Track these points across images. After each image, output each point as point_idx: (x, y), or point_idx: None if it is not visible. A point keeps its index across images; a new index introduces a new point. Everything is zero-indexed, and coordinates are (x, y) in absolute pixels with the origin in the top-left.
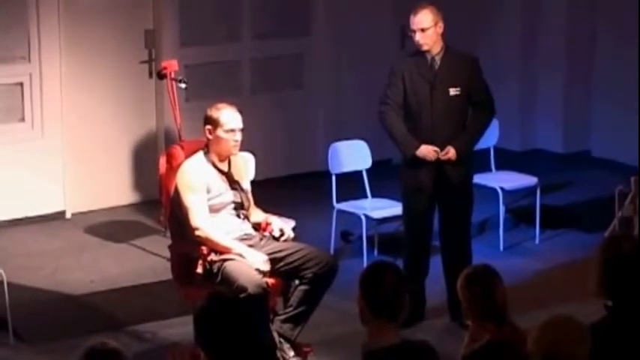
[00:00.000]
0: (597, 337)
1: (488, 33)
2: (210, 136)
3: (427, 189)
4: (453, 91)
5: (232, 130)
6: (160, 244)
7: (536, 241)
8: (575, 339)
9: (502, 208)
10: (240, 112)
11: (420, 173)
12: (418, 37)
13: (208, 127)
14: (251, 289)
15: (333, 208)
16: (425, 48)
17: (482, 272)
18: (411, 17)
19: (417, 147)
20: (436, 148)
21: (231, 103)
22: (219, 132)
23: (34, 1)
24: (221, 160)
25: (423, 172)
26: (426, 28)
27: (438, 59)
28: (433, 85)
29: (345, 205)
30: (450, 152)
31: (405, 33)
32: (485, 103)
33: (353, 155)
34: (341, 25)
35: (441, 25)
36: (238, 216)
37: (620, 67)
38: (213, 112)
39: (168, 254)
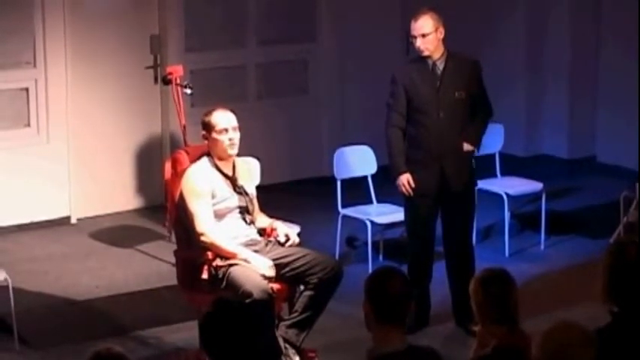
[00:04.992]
0: (603, 342)
1: (494, 39)
2: (207, 141)
3: (430, 194)
4: (457, 95)
5: (225, 130)
6: (166, 250)
7: (542, 246)
8: (579, 345)
9: (507, 214)
10: (234, 113)
11: (424, 178)
12: (419, 42)
13: (204, 132)
14: (256, 295)
15: (338, 213)
16: (426, 53)
17: (498, 275)
18: (412, 23)
19: (402, 173)
20: (407, 187)
21: (233, 108)
22: (214, 134)
23: (40, 6)
24: (225, 164)
25: (427, 178)
26: (427, 34)
27: (439, 64)
28: (438, 89)
29: (350, 211)
30: (465, 146)
31: (410, 39)
32: (484, 106)
33: (358, 160)
34: (346, 31)
35: (441, 30)
36: (244, 220)
37: (626, 73)
38: (206, 117)
39: (173, 259)
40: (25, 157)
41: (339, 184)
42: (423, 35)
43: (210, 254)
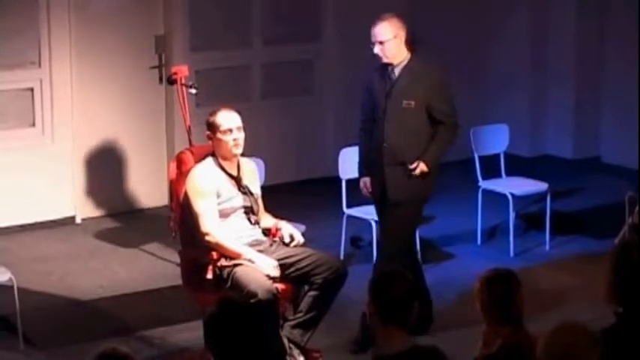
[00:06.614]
0: (608, 343)
1: (498, 38)
2: (212, 142)
3: (377, 200)
4: (405, 103)
5: (229, 130)
6: (170, 250)
7: (547, 247)
8: (584, 345)
9: (512, 214)
10: (239, 113)
11: (372, 183)
12: (377, 49)
13: (208, 132)
14: (261, 295)
15: (343, 213)
16: (385, 60)
17: (504, 275)
18: (372, 29)
19: (361, 176)
20: (365, 191)
21: (238, 108)
22: (218, 135)
23: (45, 7)
24: (230, 164)
25: (373, 183)
26: (385, 41)
27: (397, 70)
28: (388, 95)
29: (354, 211)
30: (420, 166)
31: (415, 39)
32: (445, 120)
33: None
34: (351, 31)
35: (402, 36)
36: (249, 220)
37: (630, 73)
38: (210, 117)
39: (178, 259)
40: (29, 157)
41: (344, 184)
42: (381, 42)
43: (214, 254)
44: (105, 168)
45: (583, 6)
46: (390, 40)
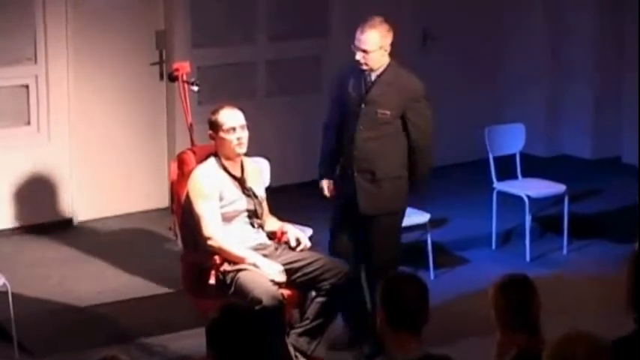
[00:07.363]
0: (627, 350)
1: (515, 36)
2: (215, 141)
3: (347, 204)
4: (380, 112)
5: (232, 129)
6: (171, 254)
7: (564, 251)
8: (592, 354)
9: (528, 217)
10: (243, 111)
11: (344, 186)
12: (359, 56)
13: (210, 131)
14: (266, 301)
15: None
16: (364, 67)
17: (519, 281)
18: (358, 32)
19: (322, 177)
20: (328, 192)
21: (241, 106)
22: (221, 134)
23: (41, 1)
24: (233, 165)
25: (345, 186)
26: (369, 51)
27: (374, 76)
28: (364, 101)
29: None
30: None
31: (426, 34)
32: (418, 143)
33: None
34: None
35: (387, 45)
36: (252, 225)
37: None
38: (212, 115)
39: (179, 264)
40: (25, 157)
41: None
42: (365, 51)
43: (217, 259)
44: (103, 168)
45: (602, 3)
46: (374, 51)
